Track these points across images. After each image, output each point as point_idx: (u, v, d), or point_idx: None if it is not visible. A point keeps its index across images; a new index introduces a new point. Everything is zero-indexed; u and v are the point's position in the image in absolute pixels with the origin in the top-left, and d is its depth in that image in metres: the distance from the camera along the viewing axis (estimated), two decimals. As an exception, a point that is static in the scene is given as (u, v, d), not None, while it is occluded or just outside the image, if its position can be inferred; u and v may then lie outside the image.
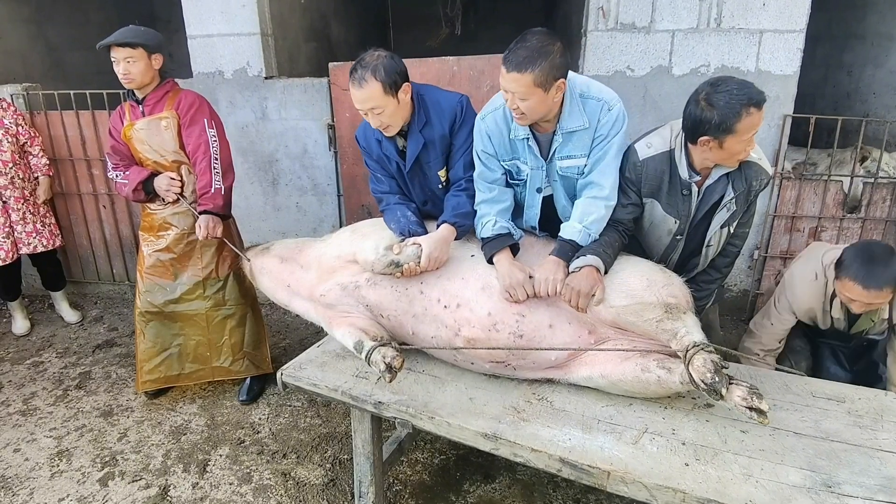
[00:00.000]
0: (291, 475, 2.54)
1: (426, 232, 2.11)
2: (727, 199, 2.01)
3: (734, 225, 2.11)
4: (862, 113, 4.33)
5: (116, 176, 2.84)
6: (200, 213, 2.67)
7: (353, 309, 2.14)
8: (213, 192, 2.67)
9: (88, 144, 4.09)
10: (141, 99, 2.70)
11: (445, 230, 2.04)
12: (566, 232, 1.98)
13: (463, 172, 2.15)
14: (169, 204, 2.80)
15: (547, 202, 2.16)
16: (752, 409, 1.50)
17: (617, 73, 3.46)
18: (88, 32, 5.75)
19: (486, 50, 3.73)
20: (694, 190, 2.01)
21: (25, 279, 4.15)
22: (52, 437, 2.83)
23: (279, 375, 2.09)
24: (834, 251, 2.34)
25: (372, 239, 2.11)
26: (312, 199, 4.13)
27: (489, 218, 2.04)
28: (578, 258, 1.89)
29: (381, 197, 2.27)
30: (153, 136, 2.71)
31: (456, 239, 2.09)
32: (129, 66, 2.56)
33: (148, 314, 2.91)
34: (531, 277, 1.89)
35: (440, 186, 2.22)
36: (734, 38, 3.32)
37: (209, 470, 2.59)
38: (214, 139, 2.69)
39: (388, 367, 1.79)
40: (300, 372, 2.09)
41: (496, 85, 3.51)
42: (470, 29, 7.36)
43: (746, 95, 1.75)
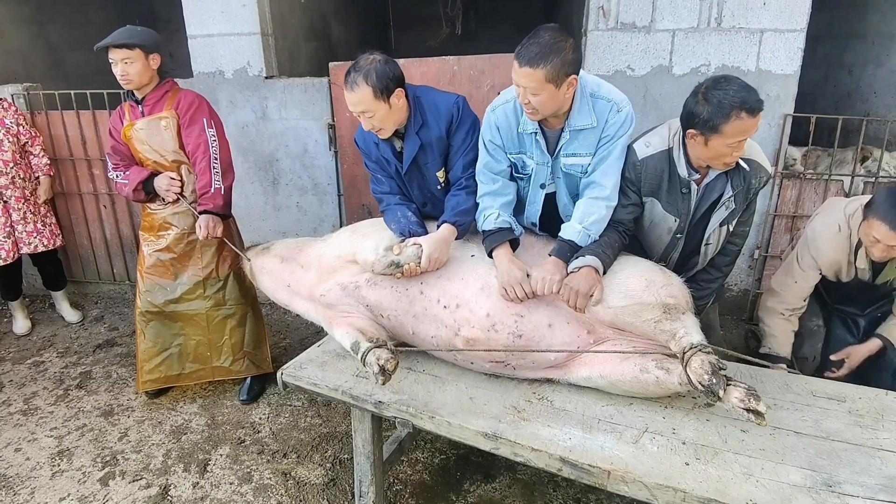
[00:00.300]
0: (292, 475, 2.54)
1: (426, 232, 2.11)
2: (726, 196, 2.01)
3: (734, 223, 2.11)
4: (863, 112, 4.32)
5: (117, 176, 2.84)
6: (200, 212, 2.67)
7: (352, 309, 2.14)
8: (212, 191, 2.67)
9: (89, 144, 4.09)
10: (140, 99, 2.70)
11: (446, 230, 2.04)
12: (566, 232, 1.98)
13: (462, 172, 2.14)
14: (169, 204, 2.80)
15: (549, 200, 2.16)
16: (749, 410, 1.49)
17: (617, 72, 3.46)
18: (89, 32, 5.76)
19: (486, 49, 3.73)
20: (693, 188, 2.01)
21: (26, 279, 4.15)
22: (52, 436, 2.84)
23: (279, 375, 2.09)
24: (855, 202, 2.31)
25: (372, 239, 2.11)
26: (313, 198, 4.13)
27: (492, 211, 2.04)
28: (577, 258, 1.90)
29: (381, 197, 2.27)
30: (153, 136, 2.71)
31: (456, 238, 2.08)
32: (126, 66, 2.56)
33: (148, 314, 2.91)
34: (529, 276, 1.89)
35: (439, 187, 2.22)
36: (735, 37, 3.31)
37: (209, 469, 2.59)
38: (214, 139, 2.69)
39: (381, 369, 1.79)
40: (300, 371, 2.09)
41: (496, 85, 3.52)
42: (470, 28, 7.36)
43: (741, 99, 1.73)
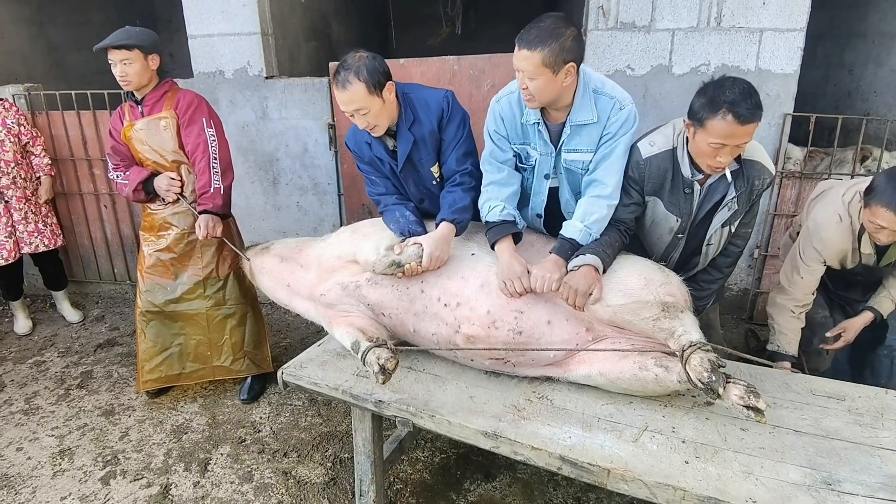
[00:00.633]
0: (292, 474, 2.54)
1: (426, 231, 2.11)
2: (729, 198, 2.01)
3: (736, 224, 2.10)
4: (863, 112, 4.31)
5: (117, 176, 2.85)
6: (200, 212, 2.67)
7: (352, 308, 2.14)
8: (212, 191, 2.67)
9: (90, 144, 4.10)
10: (140, 99, 2.70)
11: (445, 228, 2.04)
12: (567, 230, 1.99)
13: (456, 166, 2.15)
14: (169, 204, 2.81)
15: (551, 195, 2.16)
16: (748, 407, 1.49)
17: (617, 72, 3.46)
18: (89, 33, 5.76)
19: (486, 49, 3.73)
20: (696, 188, 2.01)
21: (27, 279, 4.16)
22: (53, 436, 2.84)
23: (280, 374, 2.10)
24: (852, 189, 2.30)
25: (372, 239, 2.11)
26: (313, 198, 4.13)
27: (497, 203, 2.04)
28: (577, 257, 1.90)
29: (377, 199, 2.27)
30: (152, 136, 2.71)
31: (456, 235, 2.09)
32: (125, 67, 2.56)
33: (149, 314, 2.92)
34: (529, 273, 1.90)
35: (434, 182, 2.22)
36: (734, 36, 3.31)
37: (210, 469, 2.59)
38: (213, 138, 2.69)
39: (381, 368, 1.79)
40: (301, 371, 2.09)
41: (497, 84, 3.52)
42: (470, 28, 7.36)
43: (731, 101, 1.72)
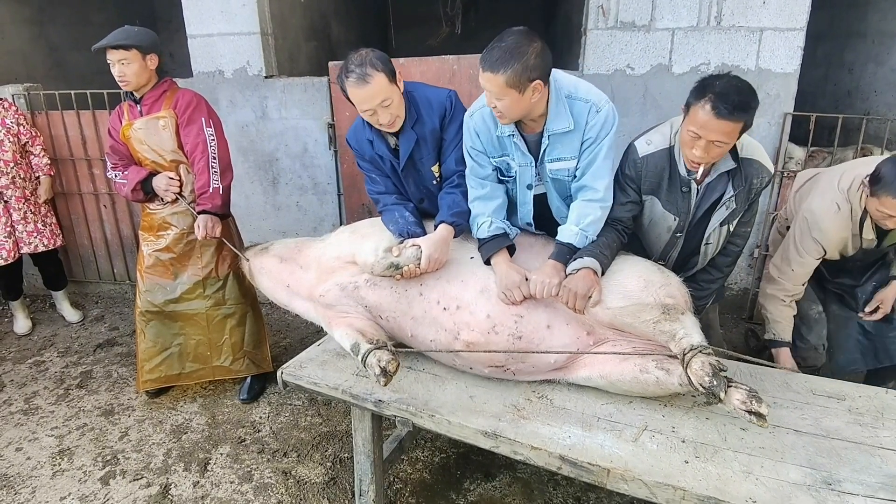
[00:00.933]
0: (292, 474, 2.54)
1: (425, 232, 2.10)
2: (727, 196, 2.00)
3: (734, 223, 2.10)
4: (863, 111, 4.31)
5: (115, 176, 2.85)
6: (199, 212, 2.67)
7: (351, 309, 2.13)
8: (211, 191, 2.66)
9: (89, 144, 4.09)
10: (139, 99, 2.70)
11: (444, 230, 2.03)
12: (563, 235, 1.97)
13: (455, 166, 2.14)
14: (168, 203, 2.80)
15: (542, 203, 2.14)
16: (751, 412, 1.48)
17: (617, 71, 3.46)
18: (89, 33, 5.75)
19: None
20: (693, 187, 2.00)
21: (27, 279, 4.16)
22: (53, 436, 2.84)
23: (280, 374, 2.09)
24: (848, 174, 2.24)
25: (371, 240, 2.09)
26: (313, 198, 4.13)
27: (484, 219, 2.02)
28: (575, 260, 1.89)
29: (377, 198, 2.26)
30: (151, 135, 2.71)
31: (454, 237, 2.08)
32: (123, 67, 2.56)
33: (148, 314, 2.91)
34: (528, 280, 1.88)
35: (434, 182, 2.21)
36: (734, 36, 3.31)
37: (210, 469, 2.59)
38: (212, 138, 2.68)
39: (382, 370, 1.78)
40: (301, 371, 2.09)
41: (496, 83, 3.52)
42: (470, 28, 7.35)
43: (716, 93, 1.72)
